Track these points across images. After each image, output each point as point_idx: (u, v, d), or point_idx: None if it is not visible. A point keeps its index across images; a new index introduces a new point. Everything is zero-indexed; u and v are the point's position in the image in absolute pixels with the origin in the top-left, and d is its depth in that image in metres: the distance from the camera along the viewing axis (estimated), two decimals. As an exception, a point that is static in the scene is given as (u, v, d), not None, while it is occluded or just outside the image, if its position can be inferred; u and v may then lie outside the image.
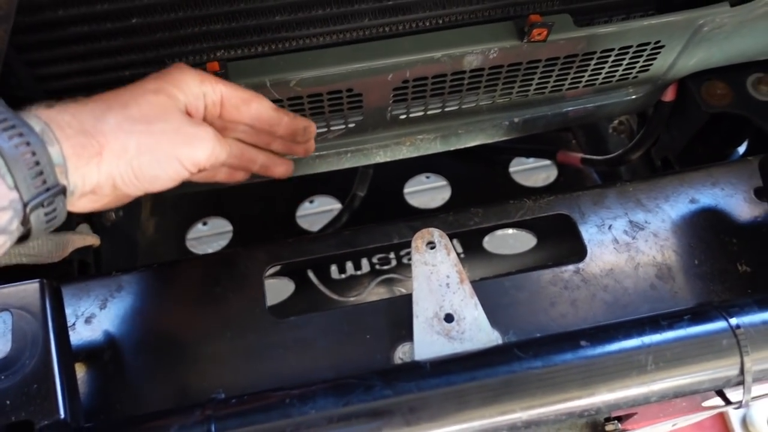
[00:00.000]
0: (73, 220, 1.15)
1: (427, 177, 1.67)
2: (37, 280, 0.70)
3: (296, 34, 0.99)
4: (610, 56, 1.09)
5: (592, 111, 1.23)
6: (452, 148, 1.25)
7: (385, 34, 1.02)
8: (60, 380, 0.67)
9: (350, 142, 1.17)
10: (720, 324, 0.67)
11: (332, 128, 1.13)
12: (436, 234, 0.78)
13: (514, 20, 1.02)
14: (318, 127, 1.11)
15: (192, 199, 1.56)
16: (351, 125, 1.12)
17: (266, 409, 0.62)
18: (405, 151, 1.23)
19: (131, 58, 0.97)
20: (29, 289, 0.70)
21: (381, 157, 1.23)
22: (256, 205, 1.56)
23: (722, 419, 1.85)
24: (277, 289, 1.17)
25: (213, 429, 0.61)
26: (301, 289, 1.15)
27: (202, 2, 0.91)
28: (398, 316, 0.80)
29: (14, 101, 0.95)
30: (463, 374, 0.64)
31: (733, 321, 0.67)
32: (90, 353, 0.77)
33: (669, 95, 1.24)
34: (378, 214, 1.43)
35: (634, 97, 1.21)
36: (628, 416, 0.71)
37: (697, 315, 0.68)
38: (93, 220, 1.23)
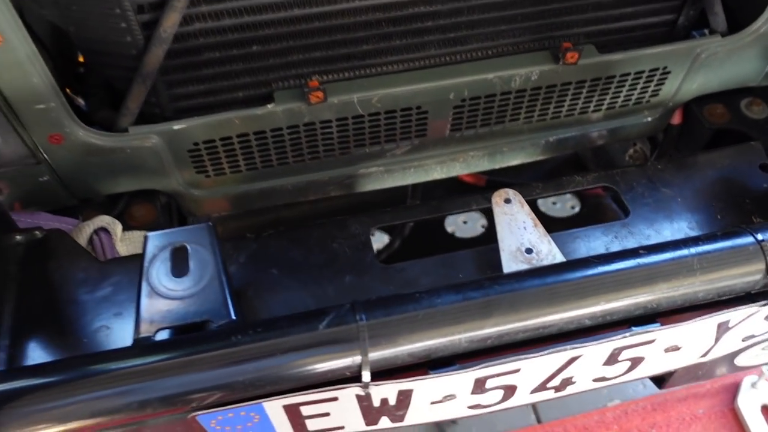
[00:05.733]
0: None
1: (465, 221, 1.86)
2: (205, 223, 0.89)
3: (377, 61, 1.22)
4: (627, 80, 1.33)
5: (614, 132, 1.46)
6: (497, 166, 1.46)
7: (447, 62, 1.26)
8: (229, 293, 0.85)
9: (414, 158, 1.39)
10: (748, 239, 0.86)
11: (401, 145, 1.34)
12: (511, 192, 0.98)
13: (550, 50, 1.27)
14: (388, 144, 1.34)
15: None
16: (416, 142, 1.34)
17: (402, 301, 0.79)
18: (458, 168, 1.44)
19: (246, 81, 1.20)
20: (200, 228, 0.89)
21: (438, 173, 1.44)
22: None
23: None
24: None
25: (362, 315, 0.78)
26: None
27: (306, 33, 1.15)
28: (484, 262, 0.98)
29: (149, 117, 1.18)
30: (552, 276, 0.82)
31: (759, 236, 0.86)
32: (237, 290, 0.94)
33: (677, 118, 1.48)
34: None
35: (648, 119, 1.44)
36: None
37: (729, 234, 0.87)
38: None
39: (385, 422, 0.91)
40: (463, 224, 1.83)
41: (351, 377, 0.80)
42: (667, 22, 1.32)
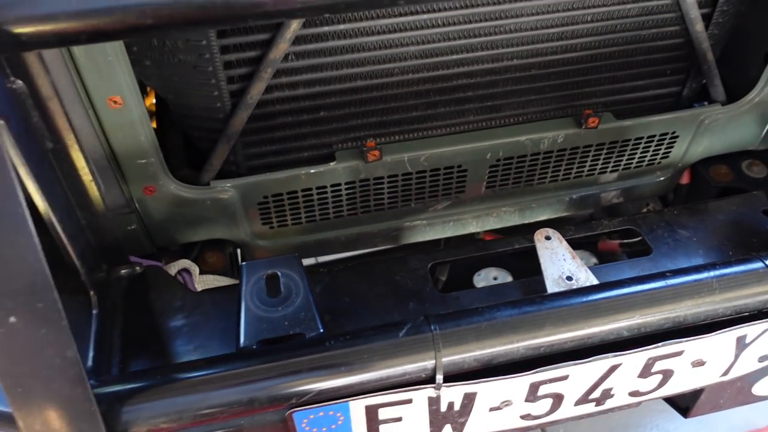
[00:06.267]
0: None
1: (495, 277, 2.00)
2: (293, 255, 1.05)
3: (424, 126, 1.41)
4: (640, 143, 1.51)
5: (630, 191, 1.63)
6: (527, 221, 1.62)
7: (483, 127, 1.45)
8: (316, 311, 0.99)
9: (453, 213, 1.56)
10: (758, 264, 1.01)
11: (442, 200, 1.51)
12: (550, 231, 1.14)
13: (573, 116, 1.46)
14: (431, 200, 1.50)
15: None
16: (455, 198, 1.51)
17: (469, 314, 0.93)
18: (492, 222, 1.60)
19: (311, 143, 1.38)
20: (288, 258, 1.04)
21: (474, 226, 1.60)
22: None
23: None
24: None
25: (435, 325, 0.92)
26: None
27: (366, 101, 1.34)
28: (529, 291, 1.12)
29: (225, 174, 1.36)
30: (594, 294, 0.97)
31: (767, 262, 1.01)
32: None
33: (685, 178, 1.65)
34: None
35: (661, 179, 1.61)
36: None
37: (741, 260, 1.02)
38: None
39: (447, 430, 1.02)
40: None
41: (425, 380, 0.93)
42: (673, 94, 1.51)
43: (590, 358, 0.94)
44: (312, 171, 1.36)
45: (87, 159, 1.05)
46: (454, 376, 0.94)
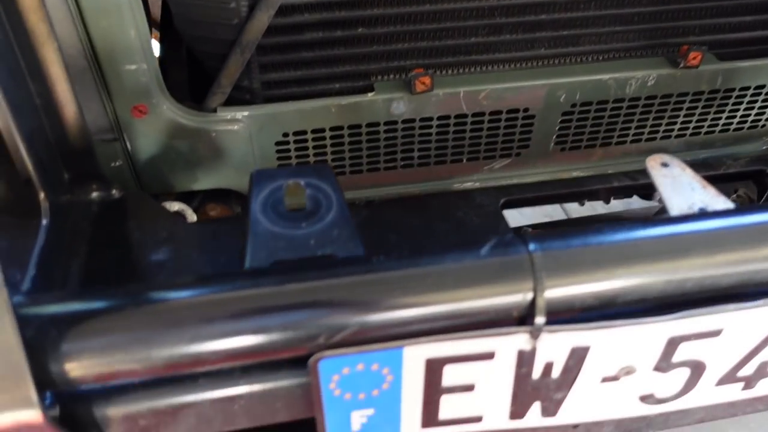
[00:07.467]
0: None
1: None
2: (324, 164, 0.76)
3: (484, 57, 1.14)
4: (745, 95, 1.23)
5: (729, 158, 1.33)
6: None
7: (556, 64, 1.18)
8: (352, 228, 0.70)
9: (511, 175, 1.26)
10: None
11: (500, 158, 1.23)
12: (667, 157, 0.85)
13: (666, 56, 1.19)
14: (487, 157, 1.22)
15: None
16: (517, 153, 1.23)
17: (582, 233, 0.64)
18: (558, 191, 1.31)
19: (345, 70, 1.11)
20: (318, 168, 0.75)
21: (536, 196, 1.31)
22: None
23: None
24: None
25: (533, 244, 0.62)
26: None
27: (414, 17, 1.07)
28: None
29: (239, 102, 1.09)
30: (759, 213, 0.67)
31: None
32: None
33: (793, 151, 1.36)
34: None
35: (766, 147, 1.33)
36: None
37: None
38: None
39: (534, 413, 0.71)
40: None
41: (516, 323, 0.63)
42: (786, 36, 1.24)
43: (759, 302, 0.64)
44: (345, 102, 1.09)
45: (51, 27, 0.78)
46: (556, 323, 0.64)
